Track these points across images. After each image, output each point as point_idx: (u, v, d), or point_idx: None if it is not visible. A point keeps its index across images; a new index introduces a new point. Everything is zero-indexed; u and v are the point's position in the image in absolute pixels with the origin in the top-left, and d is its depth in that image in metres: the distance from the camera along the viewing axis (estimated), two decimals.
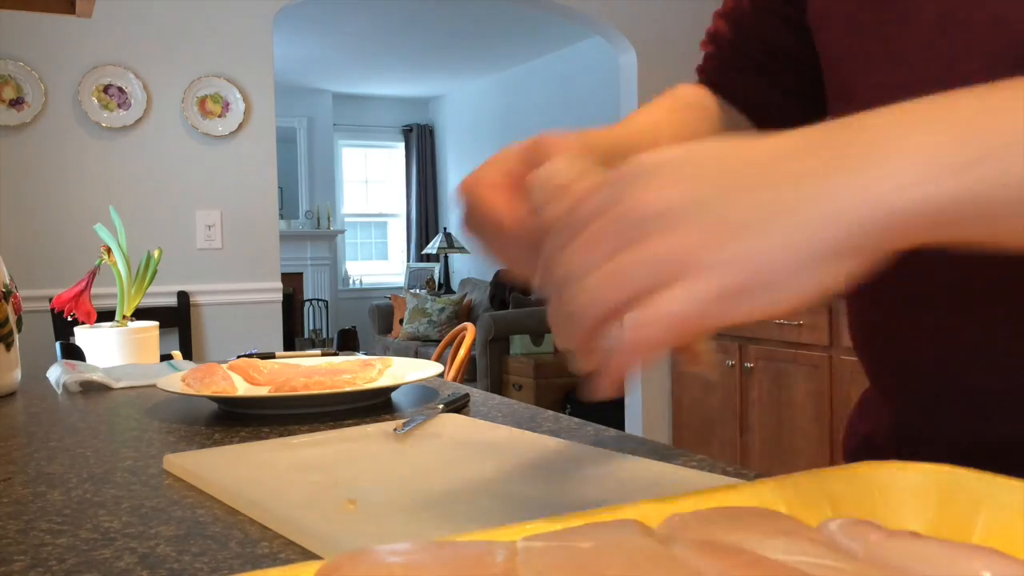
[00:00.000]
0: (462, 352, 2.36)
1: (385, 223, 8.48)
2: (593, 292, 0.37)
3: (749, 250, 0.35)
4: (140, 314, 1.55)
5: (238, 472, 0.64)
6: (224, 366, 1.06)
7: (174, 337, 2.88)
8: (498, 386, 5.23)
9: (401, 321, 6.52)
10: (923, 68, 0.53)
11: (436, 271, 7.68)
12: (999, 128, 0.34)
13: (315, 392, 0.92)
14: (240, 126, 3.03)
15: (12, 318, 1.14)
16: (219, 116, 3.01)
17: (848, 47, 0.60)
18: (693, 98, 0.76)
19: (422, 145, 8.21)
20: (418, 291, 6.95)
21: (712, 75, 0.79)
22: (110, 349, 1.41)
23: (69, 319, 1.49)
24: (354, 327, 6.56)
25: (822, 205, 0.34)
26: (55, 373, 1.20)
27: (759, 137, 0.38)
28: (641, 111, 0.71)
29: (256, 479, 0.62)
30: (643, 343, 0.37)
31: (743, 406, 3.38)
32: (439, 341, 3.98)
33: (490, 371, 5.23)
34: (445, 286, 7.58)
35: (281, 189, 6.21)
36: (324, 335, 7.34)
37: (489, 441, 0.71)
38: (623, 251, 0.36)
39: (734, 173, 0.37)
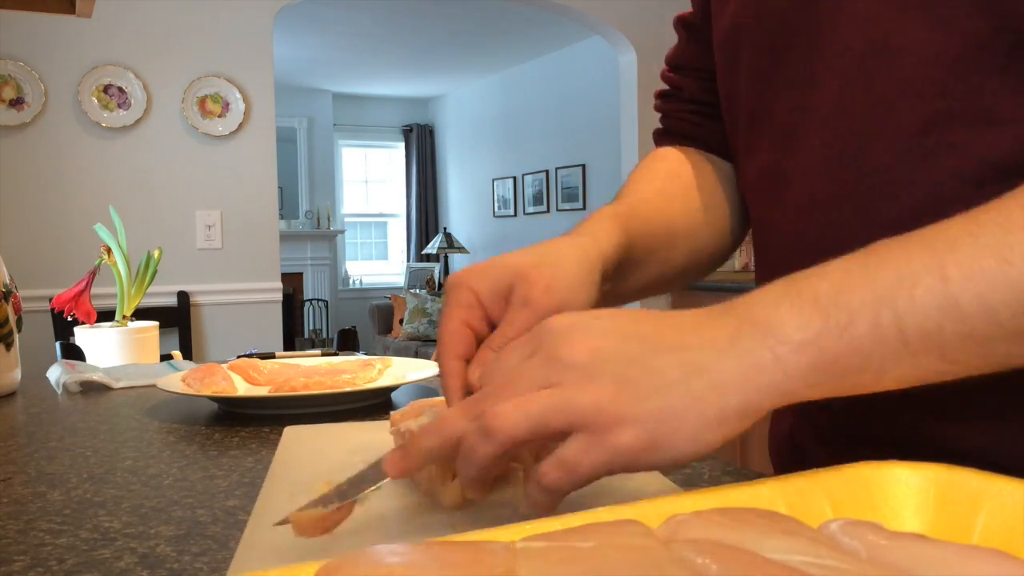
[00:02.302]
0: None
1: (385, 223, 8.48)
2: (507, 418, 0.40)
3: (662, 408, 0.39)
4: (140, 314, 1.55)
5: (305, 448, 0.66)
6: (224, 366, 1.06)
7: (174, 337, 2.88)
8: None
9: (401, 321, 6.52)
10: (837, 93, 0.56)
11: (436, 271, 7.68)
12: (868, 292, 0.39)
13: (315, 392, 0.92)
14: (240, 126, 3.03)
15: (12, 318, 1.14)
16: (219, 116, 3.01)
17: (761, 73, 0.62)
18: (686, 173, 0.74)
19: (422, 145, 8.21)
20: (418, 291, 6.95)
21: (687, 130, 0.79)
22: (110, 349, 1.41)
23: (69, 319, 1.49)
24: (354, 327, 6.55)
25: (718, 376, 0.40)
26: (55, 373, 1.20)
27: (667, 312, 0.43)
28: (650, 198, 0.69)
29: (309, 455, 0.64)
30: (552, 487, 0.41)
31: None
32: None
33: None
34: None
35: (281, 189, 6.21)
36: (324, 335, 7.34)
37: None
38: (542, 390, 0.40)
39: (648, 338, 0.41)
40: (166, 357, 1.52)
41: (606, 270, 0.56)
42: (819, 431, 0.64)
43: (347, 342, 5.15)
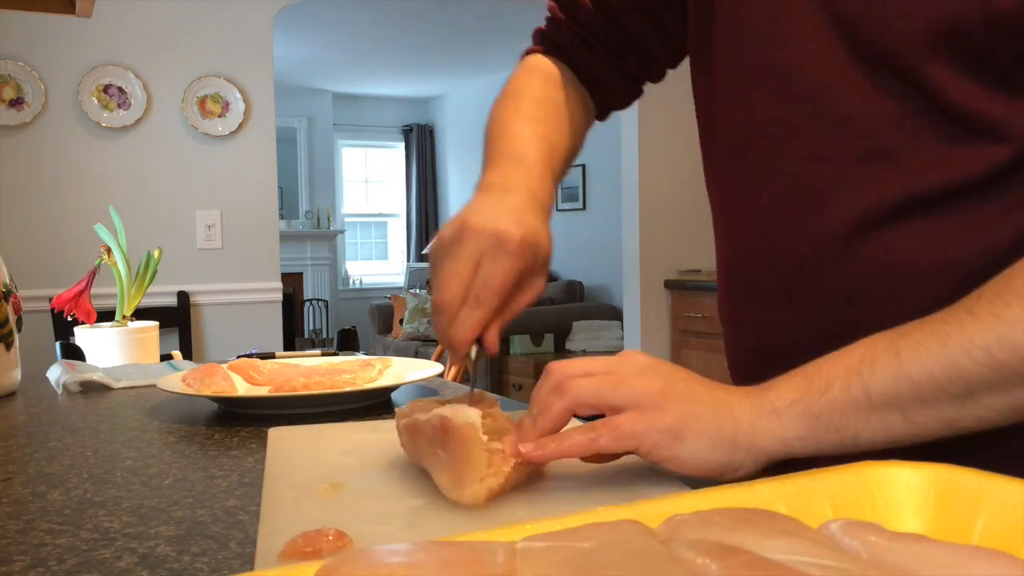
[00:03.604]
0: None
1: (385, 223, 8.48)
2: (589, 387, 0.53)
3: (694, 412, 0.52)
4: (140, 314, 1.55)
5: (300, 449, 0.67)
6: (224, 366, 1.06)
7: (174, 337, 2.88)
8: (498, 386, 5.23)
9: (401, 321, 6.52)
10: (760, 116, 0.65)
11: None
12: (841, 367, 0.52)
13: (315, 392, 0.92)
14: (240, 126, 3.03)
15: (12, 318, 1.14)
16: (219, 116, 3.01)
17: (715, 86, 0.70)
18: (560, 95, 0.83)
19: (422, 145, 8.21)
20: (418, 291, 6.95)
21: (564, 47, 0.86)
22: (110, 349, 1.41)
23: (69, 319, 1.49)
24: (354, 327, 6.54)
25: (735, 408, 0.53)
26: (55, 373, 1.20)
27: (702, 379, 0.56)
28: (520, 131, 0.78)
29: (306, 457, 0.64)
30: (604, 447, 0.52)
31: None
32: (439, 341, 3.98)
33: (490, 371, 5.23)
34: None
35: (281, 189, 6.20)
36: (324, 335, 7.34)
37: None
38: (614, 379, 0.54)
39: (689, 378, 0.55)
40: (166, 357, 1.52)
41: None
42: None
43: (347, 342, 5.14)
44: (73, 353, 1.42)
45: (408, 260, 8.20)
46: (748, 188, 0.68)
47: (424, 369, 1.05)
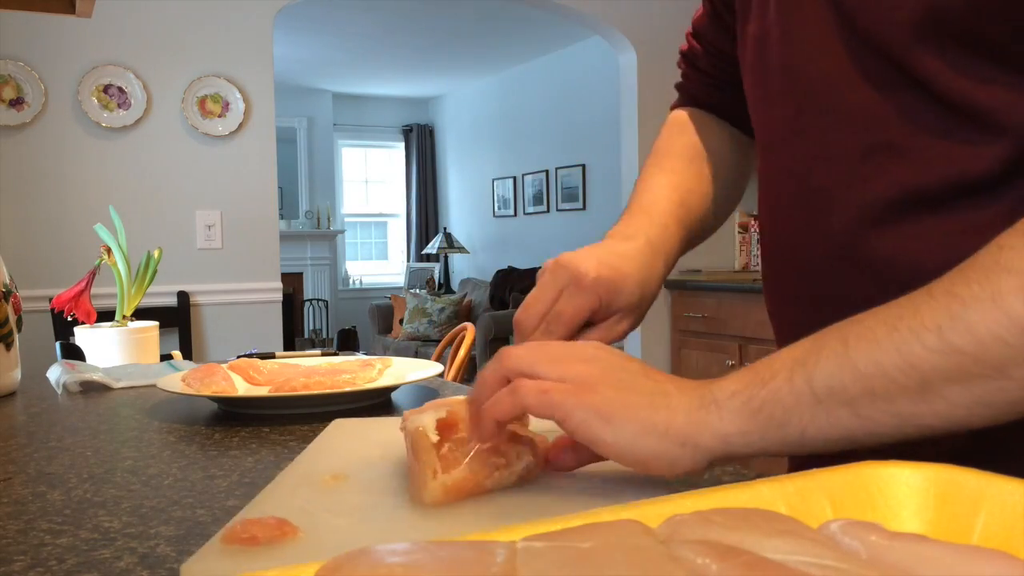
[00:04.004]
0: (462, 352, 2.36)
1: (385, 223, 8.48)
2: (526, 357, 0.53)
3: (628, 398, 0.50)
4: (140, 314, 1.55)
5: (343, 442, 0.67)
6: (224, 366, 1.06)
7: (174, 337, 2.88)
8: None
9: (401, 321, 6.52)
10: (776, 117, 0.66)
11: (436, 271, 7.68)
12: (788, 358, 0.48)
13: (315, 392, 0.92)
14: (240, 126, 3.03)
15: (12, 318, 1.14)
16: (219, 116, 3.01)
17: (749, 90, 0.72)
18: (697, 141, 0.85)
19: (422, 145, 8.21)
20: (418, 291, 6.95)
21: (699, 96, 0.89)
22: (110, 349, 1.41)
23: (69, 319, 1.49)
24: (354, 327, 6.56)
25: (674, 400, 0.50)
26: (55, 373, 1.20)
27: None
28: (655, 183, 0.81)
29: (325, 448, 0.65)
30: (524, 397, 0.50)
31: None
32: (439, 341, 3.98)
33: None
34: (445, 286, 7.58)
35: (281, 189, 6.21)
36: (324, 335, 7.34)
37: None
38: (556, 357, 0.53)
39: (635, 369, 0.53)
40: (166, 357, 1.52)
41: (669, 269, 0.75)
42: None
43: (347, 342, 5.13)
44: (73, 353, 1.42)
45: (408, 260, 8.20)
46: (771, 190, 0.69)
47: (424, 369, 1.05)
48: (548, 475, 0.57)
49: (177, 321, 2.92)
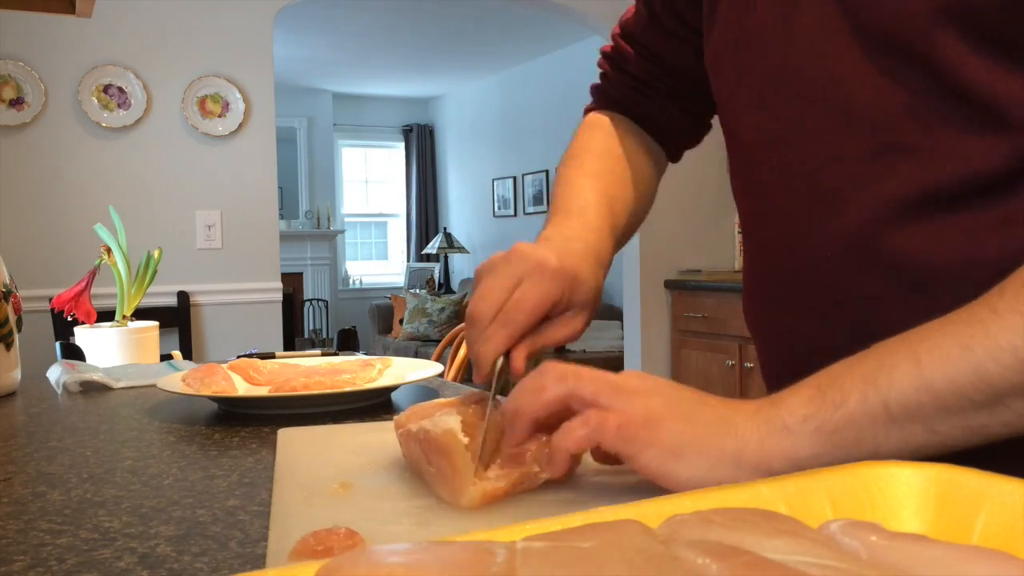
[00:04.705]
0: (462, 352, 2.36)
1: (385, 223, 8.48)
2: (590, 384, 0.52)
3: (695, 430, 0.49)
4: (140, 314, 1.55)
5: (307, 450, 0.67)
6: (224, 366, 1.06)
7: (174, 337, 2.88)
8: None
9: (401, 321, 6.52)
10: (777, 119, 0.64)
11: (436, 271, 7.67)
12: (857, 376, 0.48)
13: (315, 392, 0.92)
14: (240, 126, 3.03)
15: (12, 318, 1.14)
16: (219, 116, 3.01)
17: (732, 93, 0.70)
18: (618, 146, 0.84)
19: (422, 145, 8.21)
20: (418, 291, 6.95)
21: (621, 100, 0.87)
22: (110, 349, 1.41)
23: (69, 319, 1.49)
24: (354, 327, 6.55)
25: (742, 429, 0.49)
26: (55, 373, 1.20)
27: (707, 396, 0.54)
28: (581, 185, 0.80)
29: (313, 457, 0.64)
30: (596, 434, 0.50)
31: None
32: (439, 341, 3.98)
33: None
34: (445, 286, 7.58)
35: (281, 189, 6.21)
36: (324, 335, 7.34)
37: None
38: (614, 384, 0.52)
39: (692, 398, 0.52)
40: (166, 357, 1.52)
41: (606, 274, 0.72)
42: None
43: (347, 342, 5.13)
44: (73, 353, 1.42)
45: (408, 260, 8.20)
46: (767, 194, 0.67)
47: (424, 369, 1.05)
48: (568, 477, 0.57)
49: (177, 321, 2.92)
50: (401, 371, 1.06)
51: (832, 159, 0.60)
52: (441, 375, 1.09)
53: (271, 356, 1.30)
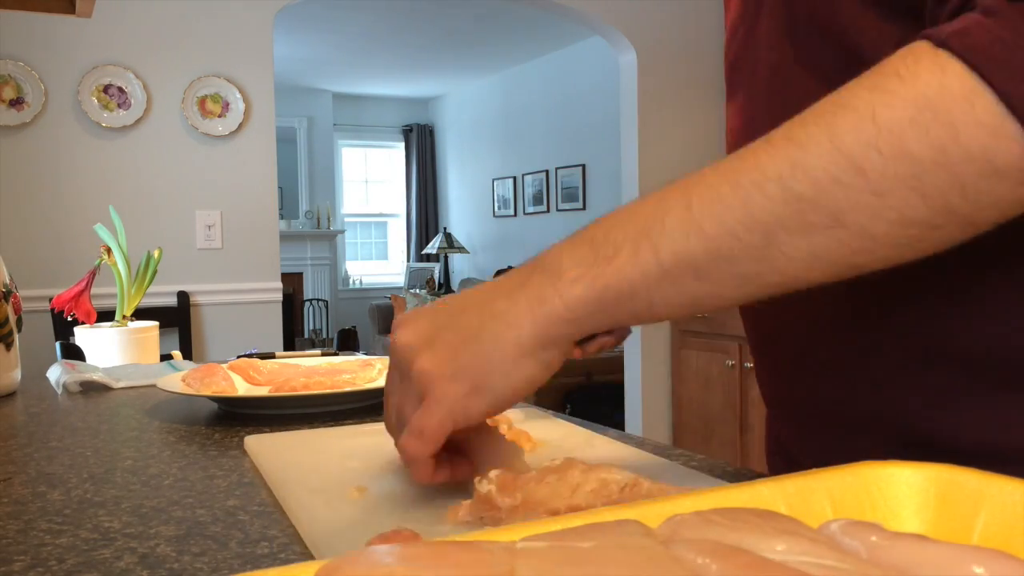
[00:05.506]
0: None
1: (385, 223, 8.48)
2: (393, 421, 0.52)
3: (472, 359, 0.47)
4: (140, 314, 1.55)
5: (294, 455, 0.67)
6: (224, 366, 1.06)
7: (174, 337, 2.88)
8: None
9: None
10: (740, 116, 0.65)
11: (436, 271, 7.67)
12: (631, 227, 0.46)
13: (315, 392, 0.92)
14: (240, 126, 3.03)
15: (12, 318, 1.14)
16: (219, 116, 3.01)
17: (726, 99, 0.71)
18: None
19: (422, 145, 8.21)
20: (418, 291, 6.95)
21: None
22: (110, 349, 1.41)
23: (69, 319, 1.49)
24: (354, 327, 6.55)
25: (511, 315, 0.47)
26: (55, 373, 1.20)
27: (486, 282, 0.53)
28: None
29: (308, 464, 0.64)
30: (413, 452, 0.49)
31: (743, 406, 3.38)
32: None
33: None
34: (445, 286, 7.58)
35: (281, 189, 6.21)
36: (324, 335, 7.34)
37: None
38: (400, 383, 0.51)
39: (451, 309, 0.50)
40: (166, 357, 1.52)
41: None
42: (798, 424, 0.68)
43: (347, 342, 5.13)
44: (73, 353, 1.42)
45: (408, 260, 8.20)
46: None
47: None
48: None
49: (177, 321, 2.92)
50: None
51: None
52: None
53: (271, 356, 1.30)
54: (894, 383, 0.55)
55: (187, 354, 2.76)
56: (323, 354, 1.29)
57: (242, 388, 1.01)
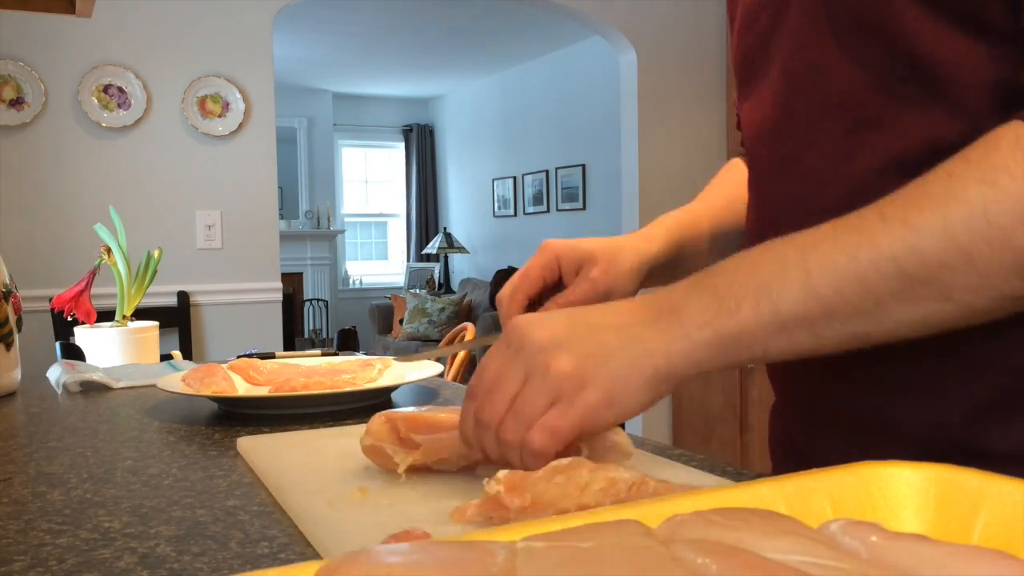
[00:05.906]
0: (462, 353, 2.36)
1: (385, 223, 8.48)
2: (501, 408, 0.53)
3: (612, 372, 0.52)
4: (140, 314, 1.55)
5: (290, 456, 0.67)
6: (224, 366, 1.06)
7: (174, 337, 2.88)
8: None
9: (401, 321, 6.52)
10: (782, 106, 0.65)
11: (436, 271, 7.67)
12: (751, 284, 0.51)
13: (315, 392, 0.92)
14: (240, 126, 3.03)
15: (12, 318, 1.14)
16: (219, 116, 3.01)
17: (740, 93, 0.74)
18: (737, 174, 0.87)
19: (422, 145, 8.21)
20: (418, 291, 6.95)
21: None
22: (110, 349, 1.41)
23: (69, 319, 1.49)
24: (354, 327, 6.56)
25: (649, 344, 0.52)
26: (55, 373, 1.20)
27: (604, 303, 0.58)
28: (712, 192, 0.87)
29: (304, 464, 0.64)
30: (541, 447, 0.51)
31: (743, 406, 3.38)
32: (439, 341, 3.98)
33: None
34: (445, 286, 7.58)
35: (281, 189, 6.21)
36: (324, 335, 7.33)
37: None
38: (529, 377, 0.53)
39: (589, 323, 0.54)
40: (166, 357, 1.52)
41: (653, 268, 0.75)
42: (799, 418, 0.71)
43: (347, 342, 5.13)
44: (73, 353, 1.42)
45: (408, 260, 8.20)
46: (765, 183, 0.69)
47: (424, 369, 1.05)
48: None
49: (177, 321, 2.92)
50: (401, 371, 1.06)
51: (813, 141, 0.63)
52: (441, 375, 1.09)
53: (271, 356, 1.30)
54: (931, 391, 0.58)
55: (187, 354, 2.76)
56: (323, 354, 1.29)
57: (242, 388, 1.01)
